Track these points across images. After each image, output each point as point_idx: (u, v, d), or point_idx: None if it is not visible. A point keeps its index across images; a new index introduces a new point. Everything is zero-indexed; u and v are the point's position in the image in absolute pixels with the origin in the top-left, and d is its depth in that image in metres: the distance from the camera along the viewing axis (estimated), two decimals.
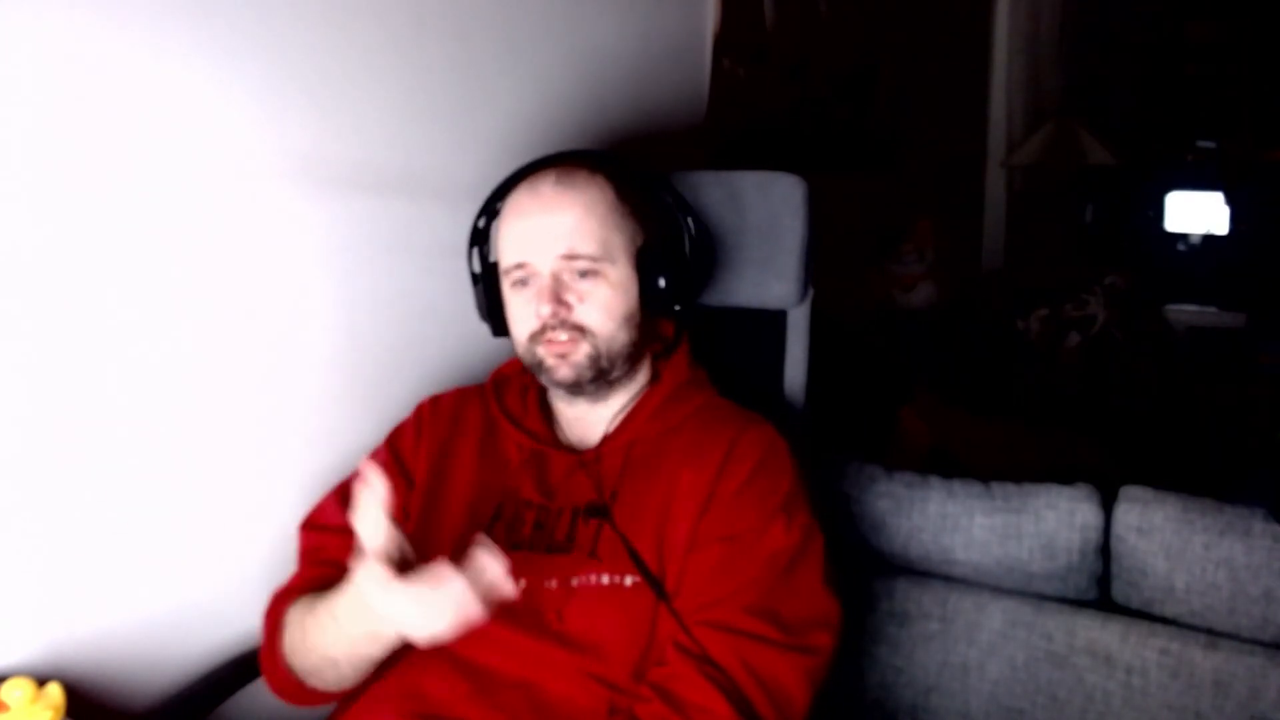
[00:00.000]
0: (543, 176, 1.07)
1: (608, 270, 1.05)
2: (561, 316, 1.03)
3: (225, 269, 1.11)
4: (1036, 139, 3.85)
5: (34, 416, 0.96)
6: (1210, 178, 4.17)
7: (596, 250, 1.04)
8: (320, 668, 0.99)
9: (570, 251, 1.03)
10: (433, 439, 1.14)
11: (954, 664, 1.31)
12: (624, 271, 1.06)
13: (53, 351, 0.97)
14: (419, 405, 1.18)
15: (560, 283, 1.04)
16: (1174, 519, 1.21)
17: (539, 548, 1.04)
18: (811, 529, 1.03)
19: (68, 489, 0.99)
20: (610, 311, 1.05)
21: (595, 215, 1.04)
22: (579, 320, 1.04)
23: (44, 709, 0.87)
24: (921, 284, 3.02)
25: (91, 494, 1.01)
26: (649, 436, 1.08)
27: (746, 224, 1.31)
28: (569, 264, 1.03)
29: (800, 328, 1.33)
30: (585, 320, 1.04)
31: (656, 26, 1.76)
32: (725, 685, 0.92)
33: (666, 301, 1.09)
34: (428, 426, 1.15)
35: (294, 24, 1.14)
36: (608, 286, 1.05)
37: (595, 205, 1.05)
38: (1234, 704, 1.16)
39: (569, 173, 1.07)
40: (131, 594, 1.06)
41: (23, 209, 0.93)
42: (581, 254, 1.03)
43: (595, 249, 1.04)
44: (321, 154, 1.20)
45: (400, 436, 1.16)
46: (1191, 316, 3.65)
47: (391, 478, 1.10)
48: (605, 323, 1.05)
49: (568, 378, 1.05)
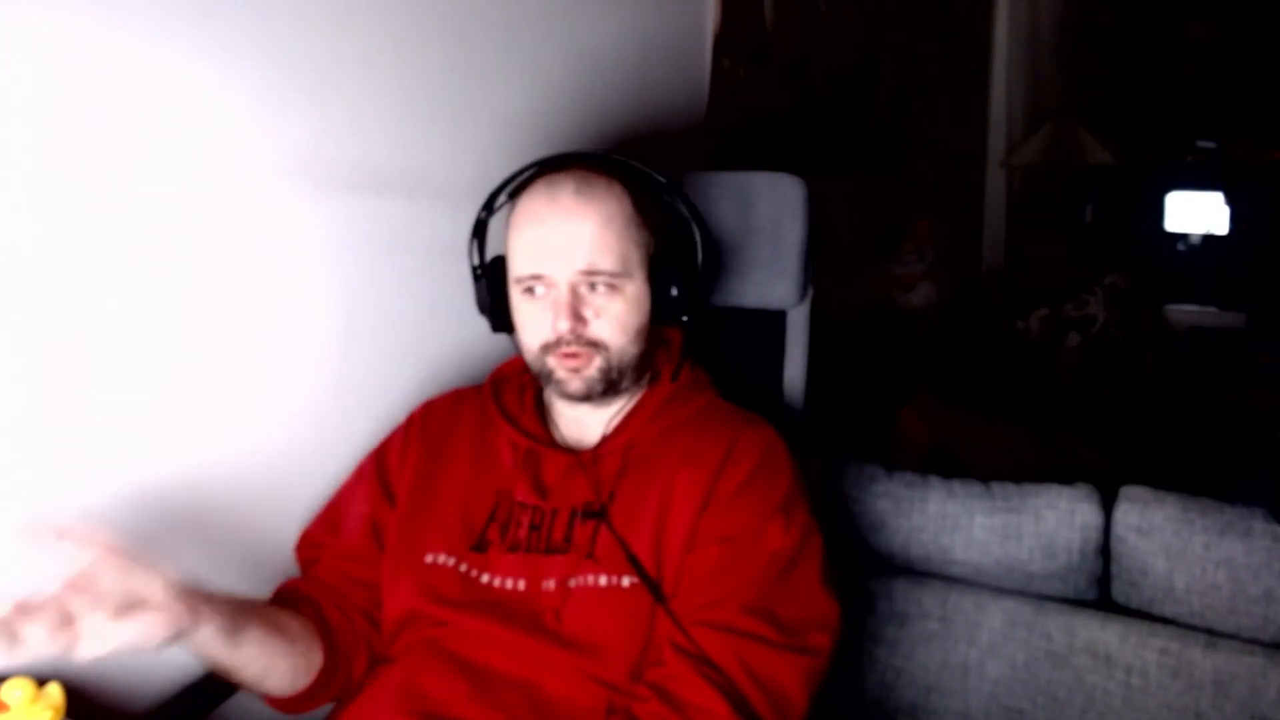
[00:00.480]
0: (561, 181, 1.04)
1: (624, 285, 1.03)
2: (578, 332, 1.02)
3: (224, 269, 1.11)
4: (1036, 139, 3.85)
5: (33, 415, 0.96)
6: (1210, 178, 4.17)
7: (615, 265, 1.02)
8: (254, 686, 1.00)
9: (590, 267, 1.02)
10: (422, 448, 1.14)
11: (954, 664, 1.31)
12: (639, 284, 1.05)
13: (52, 352, 0.96)
14: (410, 415, 1.18)
15: (578, 297, 1.02)
16: (1174, 519, 1.21)
17: (537, 548, 1.03)
18: (810, 529, 1.03)
19: (67, 488, 0.99)
20: (624, 326, 1.04)
21: (614, 229, 1.03)
22: (594, 336, 1.03)
23: (44, 709, 0.87)
24: (921, 284, 3.02)
25: (91, 494, 1.01)
26: (647, 438, 1.08)
27: (746, 224, 1.31)
28: (587, 278, 1.02)
29: (800, 328, 1.33)
30: (600, 335, 1.03)
31: (656, 26, 1.76)
32: (724, 685, 0.92)
33: (678, 311, 1.08)
34: (416, 438, 1.15)
35: (294, 24, 1.13)
36: (623, 301, 1.04)
37: (614, 218, 1.03)
38: (1234, 704, 1.16)
39: (588, 181, 1.04)
40: None
41: (22, 209, 0.93)
42: (601, 270, 1.02)
43: (614, 264, 1.02)
44: (321, 154, 1.19)
45: (387, 450, 1.16)
46: (1191, 316, 3.65)
47: (373, 495, 1.12)
48: (619, 337, 1.04)
49: (579, 391, 1.05)
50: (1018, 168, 3.96)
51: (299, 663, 1.01)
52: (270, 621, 0.99)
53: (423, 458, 1.13)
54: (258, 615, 0.97)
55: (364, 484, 1.14)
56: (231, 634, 0.91)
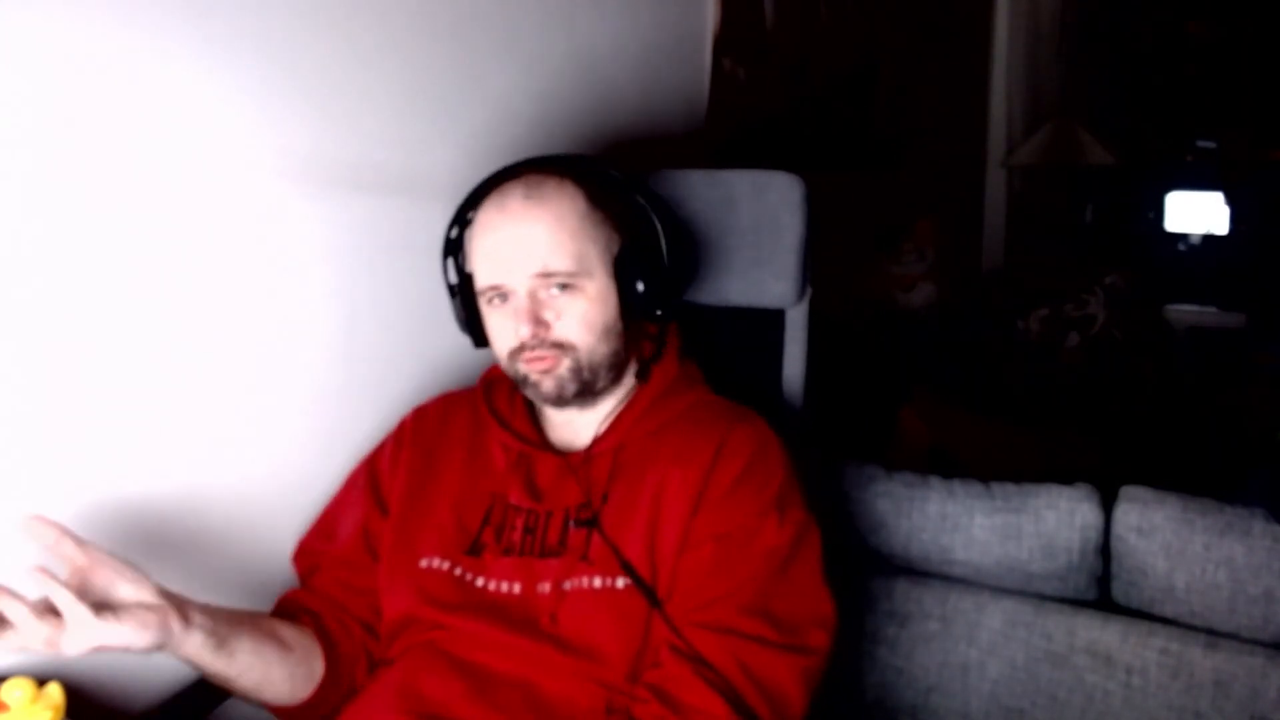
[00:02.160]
0: (510, 189, 1.04)
1: (584, 283, 1.03)
2: (541, 336, 1.02)
3: (225, 269, 1.11)
4: (1036, 139, 3.85)
5: (32, 414, 0.96)
6: (1210, 178, 4.17)
7: (571, 265, 1.02)
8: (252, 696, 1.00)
9: (544, 270, 1.01)
10: (414, 454, 1.13)
11: (954, 664, 1.31)
12: (602, 282, 1.04)
13: (52, 352, 0.96)
14: (401, 421, 1.18)
15: (537, 301, 1.02)
16: (1174, 519, 1.21)
17: (531, 551, 1.03)
18: (806, 524, 1.02)
19: (67, 488, 0.99)
20: (590, 325, 1.03)
21: (566, 228, 1.02)
22: (559, 337, 1.03)
23: (44, 709, 0.87)
24: (921, 284, 3.02)
25: (91, 493, 1.01)
26: (638, 438, 1.08)
27: (745, 223, 1.31)
28: (544, 281, 1.02)
29: (799, 327, 1.33)
30: (565, 336, 1.03)
31: (656, 26, 1.76)
32: (721, 686, 0.92)
33: (647, 307, 1.07)
34: (408, 444, 1.14)
35: (294, 24, 1.13)
36: (585, 300, 1.03)
37: (566, 217, 1.02)
38: (1234, 704, 1.16)
39: (536, 184, 1.03)
40: None
41: (22, 209, 0.93)
42: (556, 271, 1.01)
43: (570, 264, 1.01)
44: (321, 154, 1.19)
45: (379, 458, 1.15)
46: (1191, 316, 3.65)
47: (365, 504, 1.12)
48: (585, 336, 1.03)
49: (551, 392, 1.04)
50: (1018, 168, 3.96)
51: (298, 671, 1.01)
52: (264, 631, 0.99)
53: (415, 463, 1.13)
54: (250, 625, 0.97)
55: (356, 493, 1.14)
56: (222, 642, 0.92)
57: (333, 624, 1.07)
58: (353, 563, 1.10)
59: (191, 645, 0.89)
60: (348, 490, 1.16)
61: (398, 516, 1.10)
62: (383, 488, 1.13)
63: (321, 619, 1.06)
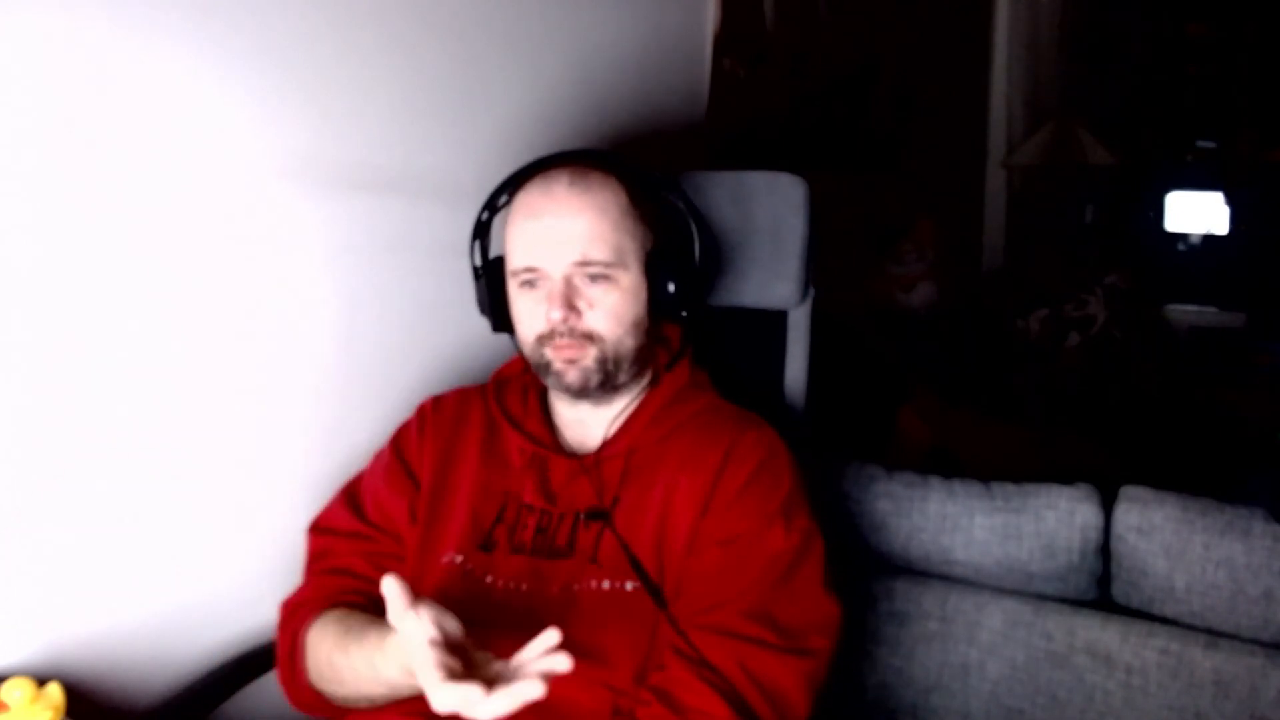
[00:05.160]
0: (556, 176, 1.05)
1: (619, 275, 1.04)
2: (572, 323, 1.03)
3: (225, 269, 1.11)
4: (1036, 139, 3.85)
5: (34, 416, 0.96)
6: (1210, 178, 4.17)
7: (610, 256, 1.03)
8: (353, 700, 0.98)
9: (584, 258, 1.02)
10: (436, 439, 1.14)
11: (954, 664, 1.31)
12: (635, 277, 1.06)
13: (52, 352, 0.96)
14: (420, 406, 1.18)
15: (572, 288, 1.03)
16: (1174, 519, 1.21)
17: (541, 553, 1.03)
18: (811, 532, 1.03)
19: (68, 489, 0.99)
20: (619, 318, 1.04)
21: (609, 219, 1.03)
22: (589, 327, 1.03)
23: (44, 709, 0.87)
24: (921, 284, 3.01)
25: (91, 494, 1.01)
26: (648, 441, 1.08)
27: (747, 224, 1.31)
28: (581, 269, 1.03)
29: (801, 328, 1.33)
30: (595, 326, 1.04)
31: (656, 26, 1.76)
32: (724, 689, 0.92)
33: (675, 307, 1.08)
34: (430, 426, 1.15)
35: (294, 24, 1.13)
36: (618, 292, 1.04)
37: (609, 209, 1.04)
38: (1234, 704, 1.16)
39: (583, 174, 1.05)
40: (131, 594, 1.06)
41: (22, 209, 0.93)
42: (595, 260, 1.02)
43: (608, 255, 1.03)
44: (321, 154, 1.19)
45: (404, 437, 1.15)
46: (1191, 316, 3.64)
47: (398, 480, 1.11)
48: (614, 329, 1.04)
49: (575, 382, 1.05)
50: (1018, 168, 3.96)
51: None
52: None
53: (438, 451, 1.13)
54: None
55: (385, 467, 1.13)
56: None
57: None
58: (392, 530, 1.09)
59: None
60: (375, 464, 1.15)
61: (425, 506, 1.09)
62: (412, 464, 1.13)
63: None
